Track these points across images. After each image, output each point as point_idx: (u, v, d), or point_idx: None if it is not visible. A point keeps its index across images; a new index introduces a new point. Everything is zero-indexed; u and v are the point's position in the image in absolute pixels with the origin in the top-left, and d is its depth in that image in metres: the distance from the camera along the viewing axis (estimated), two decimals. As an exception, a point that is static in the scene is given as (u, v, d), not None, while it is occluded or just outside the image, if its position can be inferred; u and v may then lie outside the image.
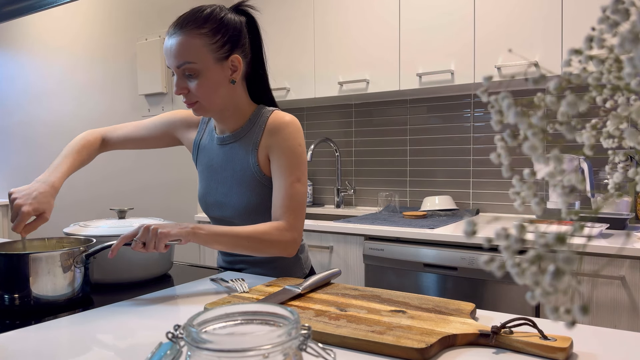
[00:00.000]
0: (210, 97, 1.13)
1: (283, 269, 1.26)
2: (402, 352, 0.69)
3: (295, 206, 1.13)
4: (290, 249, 1.13)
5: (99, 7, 3.14)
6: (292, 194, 1.13)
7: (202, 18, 1.10)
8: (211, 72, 1.11)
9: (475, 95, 2.49)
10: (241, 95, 1.20)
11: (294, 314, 0.48)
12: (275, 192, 1.15)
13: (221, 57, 1.12)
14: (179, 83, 1.12)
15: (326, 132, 2.97)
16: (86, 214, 3.31)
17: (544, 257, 0.36)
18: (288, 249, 1.12)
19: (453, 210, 2.39)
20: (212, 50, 1.10)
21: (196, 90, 1.11)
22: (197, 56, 1.09)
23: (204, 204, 1.28)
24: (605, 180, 2.09)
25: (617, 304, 1.62)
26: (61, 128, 3.43)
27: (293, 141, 1.15)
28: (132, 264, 1.13)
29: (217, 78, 1.12)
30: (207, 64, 1.10)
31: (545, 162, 0.39)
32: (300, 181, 1.14)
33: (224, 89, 1.15)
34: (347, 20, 2.50)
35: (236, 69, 1.15)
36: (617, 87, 0.41)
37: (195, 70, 1.10)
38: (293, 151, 1.14)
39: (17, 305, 0.92)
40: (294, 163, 1.14)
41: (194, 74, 1.10)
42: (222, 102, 1.16)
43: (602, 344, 0.73)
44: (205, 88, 1.11)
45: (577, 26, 1.94)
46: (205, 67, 1.10)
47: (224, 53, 1.12)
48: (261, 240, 1.08)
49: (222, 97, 1.15)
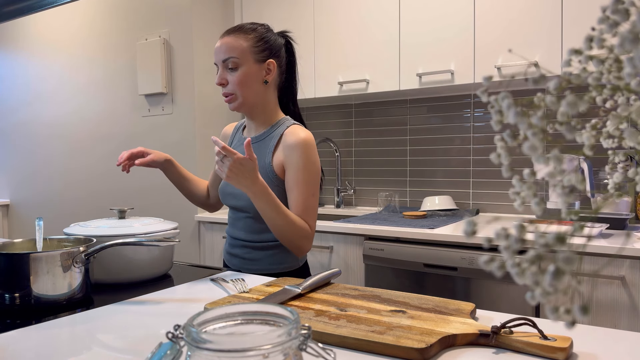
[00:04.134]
0: (244, 88, 1.34)
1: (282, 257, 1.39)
2: (402, 352, 0.69)
3: (311, 216, 1.31)
4: (304, 250, 1.33)
5: (99, 7, 3.14)
6: (307, 206, 1.31)
7: (250, 29, 1.36)
8: (249, 67, 1.33)
9: (475, 95, 2.49)
10: (270, 99, 1.40)
11: (294, 314, 0.48)
12: (292, 202, 1.31)
13: (259, 59, 1.35)
14: (221, 74, 1.35)
15: (326, 132, 2.97)
16: (86, 214, 3.31)
17: (544, 257, 0.36)
18: (303, 248, 1.32)
19: (453, 210, 2.39)
20: (253, 52, 1.33)
21: (234, 81, 1.33)
22: (240, 53, 1.32)
23: (222, 194, 1.44)
24: (605, 180, 2.09)
25: (617, 304, 1.62)
26: (61, 128, 3.43)
27: (307, 159, 1.31)
28: (132, 264, 1.13)
29: (252, 73, 1.34)
30: (247, 61, 1.33)
31: (545, 162, 0.39)
32: (314, 195, 1.32)
33: (257, 85, 1.35)
34: (347, 20, 2.50)
35: (270, 72, 1.36)
36: (617, 87, 0.41)
37: (237, 64, 1.32)
38: (308, 169, 1.31)
39: (17, 305, 0.92)
40: (309, 180, 1.31)
41: (235, 67, 1.32)
42: (254, 97, 1.36)
43: (602, 344, 0.73)
44: (241, 79, 1.33)
45: (577, 26, 1.94)
46: (245, 63, 1.32)
47: (262, 56, 1.35)
48: (294, 229, 1.27)
49: (254, 92, 1.35)
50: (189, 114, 2.77)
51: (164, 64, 2.81)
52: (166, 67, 2.82)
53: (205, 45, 2.80)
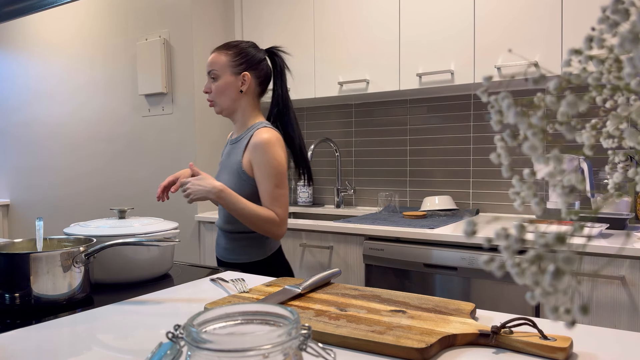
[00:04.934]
0: (221, 96, 1.57)
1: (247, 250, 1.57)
2: (402, 352, 0.69)
3: (279, 204, 1.49)
4: (277, 235, 1.50)
5: (99, 7, 3.14)
6: (272, 196, 1.48)
7: (232, 45, 1.59)
8: (226, 79, 1.56)
9: (475, 96, 2.49)
10: (247, 106, 1.60)
11: (294, 314, 0.48)
12: (260, 195, 1.50)
13: (236, 72, 1.56)
14: (207, 84, 1.59)
15: (326, 132, 2.97)
16: (86, 214, 3.31)
17: (544, 257, 0.36)
18: (274, 233, 1.50)
19: (453, 210, 2.39)
20: (231, 66, 1.56)
21: (215, 90, 1.57)
22: (220, 66, 1.56)
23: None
24: (605, 180, 2.09)
25: (617, 304, 1.62)
26: (61, 128, 3.43)
27: (269, 155, 1.48)
28: (132, 264, 1.13)
29: (229, 84, 1.56)
30: (225, 73, 1.56)
31: (545, 162, 0.39)
32: (279, 186, 1.49)
33: (233, 94, 1.57)
34: (347, 20, 2.50)
35: (245, 82, 1.57)
36: (617, 87, 0.41)
37: (217, 76, 1.56)
38: (270, 164, 1.48)
39: (17, 305, 0.92)
40: (271, 173, 1.48)
41: (216, 78, 1.56)
42: (230, 104, 1.58)
43: (602, 344, 0.73)
44: (219, 89, 1.56)
45: (577, 26, 1.94)
46: (223, 75, 1.56)
47: (239, 69, 1.57)
48: (259, 217, 1.45)
49: (231, 99, 1.57)
50: (189, 114, 2.77)
51: (164, 64, 2.81)
52: (166, 67, 2.82)
53: (205, 45, 2.80)
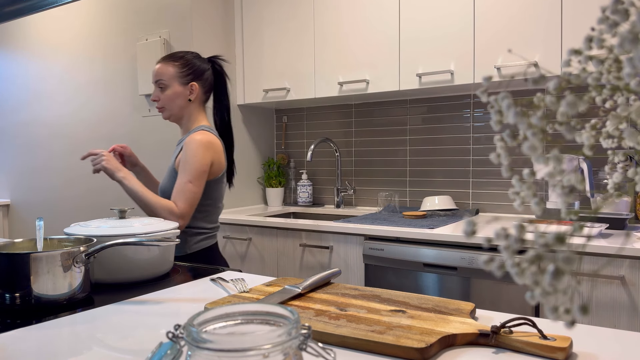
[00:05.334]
0: (171, 105, 1.69)
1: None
2: (402, 352, 0.69)
3: (184, 198, 1.55)
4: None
5: (99, 7, 3.14)
6: (180, 189, 1.56)
7: (178, 57, 1.70)
8: (175, 89, 1.68)
9: (475, 96, 2.49)
10: (193, 112, 1.72)
11: (294, 314, 0.48)
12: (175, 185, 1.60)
13: (184, 82, 1.69)
14: (154, 92, 1.71)
15: (326, 132, 2.97)
16: (86, 214, 3.31)
17: (543, 257, 0.36)
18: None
19: (453, 210, 2.39)
20: (179, 77, 1.68)
21: (164, 99, 1.69)
22: (168, 77, 1.67)
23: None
24: (604, 180, 2.09)
25: (617, 304, 1.62)
26: (61, 128, 3.43)
27: (192, 152, 1.57)
28: (132, 264, 1.13)
29: (178, 93, 1.68)
30: (174, 83, 1.68)
31: (545, 162, 0.39)
32: (192, 183, 1.56)
33: (182, 102, 1.70)
34: (347, 20, 2.50)
35: (193, 92, 1.69)
36: (616, 87, 0.41)
37: (165, 85, 1.68)
38: (190, 161, 1.57)
39: (17, 305, 0.92)
40: (188, 169, 1.56)
41: (164, 87, 1.68)
42: (179, 111, 1.70)
43: (601, 344, 0.73)
44: (168, 97, 1.69)
45: (577, 26, 1.94)
46: (172, 85, 1.68)
47: (186, 80, 1.69)
48: (155, 205, 1.53)
49: (179, 107, 1.70)
50: (189, 114, 2.77)
51: (164, 64, 2.81)
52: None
53: (205, 45, 2.80)
